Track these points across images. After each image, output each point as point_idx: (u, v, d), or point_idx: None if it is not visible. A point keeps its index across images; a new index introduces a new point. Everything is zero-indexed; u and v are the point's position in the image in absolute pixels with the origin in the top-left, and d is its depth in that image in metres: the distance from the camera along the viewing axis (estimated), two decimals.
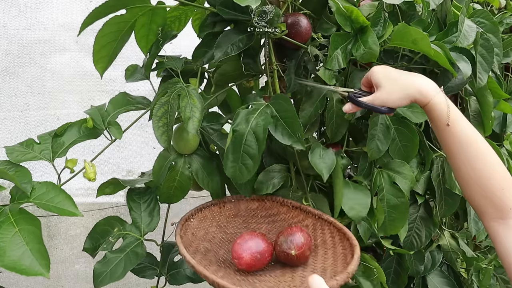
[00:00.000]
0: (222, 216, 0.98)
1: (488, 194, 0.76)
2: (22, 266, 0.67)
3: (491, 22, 1.02)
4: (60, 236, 1.51)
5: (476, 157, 0.77)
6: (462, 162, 0.78)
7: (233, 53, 0.88)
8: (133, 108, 0.95)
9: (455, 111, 0.79)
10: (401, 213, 1.00)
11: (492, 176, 0.76)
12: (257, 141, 0.84)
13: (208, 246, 0.88)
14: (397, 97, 0.80)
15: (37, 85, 1.42)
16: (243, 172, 0.86)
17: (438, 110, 0.78)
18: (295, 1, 1.06)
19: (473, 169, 0.77)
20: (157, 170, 0.94)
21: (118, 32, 0.89)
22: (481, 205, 0.78)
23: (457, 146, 0.78)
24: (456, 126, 0.78)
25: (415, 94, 0.79)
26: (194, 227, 0.91)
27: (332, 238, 0.89)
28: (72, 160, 0.88)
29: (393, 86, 0.81)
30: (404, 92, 0.80)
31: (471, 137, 0.78)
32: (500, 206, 0.76)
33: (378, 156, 1.00)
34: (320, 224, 0.93)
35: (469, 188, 0.79)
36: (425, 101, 0.79)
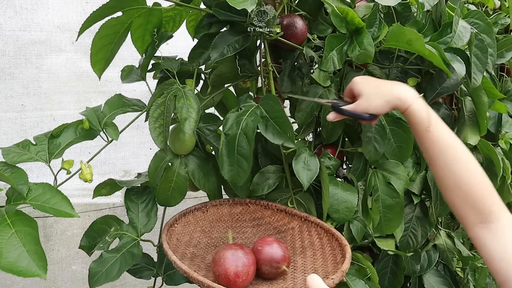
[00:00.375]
0: (206, 221, 0.98)
1: (469, 198, 0.77)
2: (19, 267, 0.67)
3: (485, 22, 1.03)
4: (57, 237, 1.51)
5: (456, 162, 0.78)
6: (442, 167, 0.79)
7: (229, 54, 0.89)
8: (129, 110, 0.95)
9: (435, 117, 0.80)
10: (396, 213, 1.01)
11: (472, 181, 0.77)
12: (248, 141, 0.86)
13: (195, 251, 0.88)
14: (378, 104, 0.83)
15: (33, 86, 1.41)
16: (241, 175, 0.87)
17: (418, 116, 0.80)
18: (291, 2, 1.06)
19: (453, 174, 0.78)
20: (153, 171, 0.95)
21: (115, 34, 0.90)
22: (462, 211, 0.78)
23: (437, 151, 0.79)
24: (436, 131, 0.79)
25: (395, 100, 0.82)
26: (178, 233, 0.91)
27: (320, 239, 0.89)
28: (69, 161, 0.88)
29: (374, 94, 0.83)
30: (384, 99, 0.82)
31: (450, 142, 0.79)
32: (480, 210, 0.76)
33: (376, 158, 1.00)
34: (306, 226, 0.93)
35: (450, 193, 0.80)
36: (405, 107, 0.81)
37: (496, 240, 0.74)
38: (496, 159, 1.21)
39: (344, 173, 1.10)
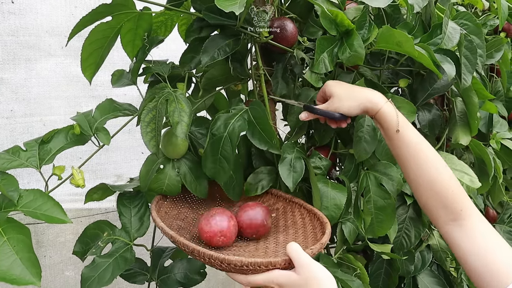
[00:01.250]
0: (195, 198, 1.01)
1: (440, 198, 0.80)
2: (12, 275, 0.66)
3: (475, 24, 1.04)
4: (49, 243, 1.49)
5: (425, 162, 0.82)
6: (413, 168, 0.83)
7: (220, 58, 0.89)
8: (120, 114, 0.94)
9: (404, 119, 0.84)
10: (388, 214, 1.01)
11: (442, 181, 0.80)
12: (231, 145, 0.88)
13: (182, 224, 0.91)
14: (349, 104, 0.86)
15: (23, 91, 1.40)
16: (221, 173, 0.91)
17: (388, 118, 0.84)
18: (282, 5, 1.06)
19: (424, 175, 0.81)
20: (144, 175, 0.94)
21: (105, 38, 0.89)
22: (433, 210, 0.82)
23: (407, 151, 0.83)
24: (405, 132, 0.83)
25: (366, 102, 0.85)
26: (167, 206, 0.94)
27: (302, 219, 0.92)
28: (60, 167, 0.87)
29: (345, 95, 0.87)
30: (355, 101, 0.86)
31: (420, 144, 0.83)
32: (451, 208, 0.79)
33: (365, 157, 1.01)
34: (290, 207, 0.97)
35: (421, 193, 0.83)
36: (376, 109, 0.84)
37: (466, 237, 0.77)
38: (487, 159, 1.22)
39: (337, 175, 1.10)
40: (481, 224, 0.78)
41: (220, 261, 0.69)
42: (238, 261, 0.68)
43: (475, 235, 0.77)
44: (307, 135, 1.13)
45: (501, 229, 1.49)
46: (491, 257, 0.74)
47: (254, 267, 0.68)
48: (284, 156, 0.95)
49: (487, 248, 0.75)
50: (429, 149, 0.83)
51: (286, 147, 0.96)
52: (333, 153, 1.08)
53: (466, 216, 0.79)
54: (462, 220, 0.78)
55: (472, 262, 0.75)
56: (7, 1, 1.34)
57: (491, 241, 0.76)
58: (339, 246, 1.04)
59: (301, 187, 1.04)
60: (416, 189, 0.84)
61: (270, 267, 0.69)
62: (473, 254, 0.75)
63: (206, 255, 0.70)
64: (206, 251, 0.70)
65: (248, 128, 0.90)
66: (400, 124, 0.83)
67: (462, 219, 0.78)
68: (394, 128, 0.83)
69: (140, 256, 1.03)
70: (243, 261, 0.68)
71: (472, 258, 0.75)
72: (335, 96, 0.88)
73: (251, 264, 0.68)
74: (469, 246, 0.76)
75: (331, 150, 1.07)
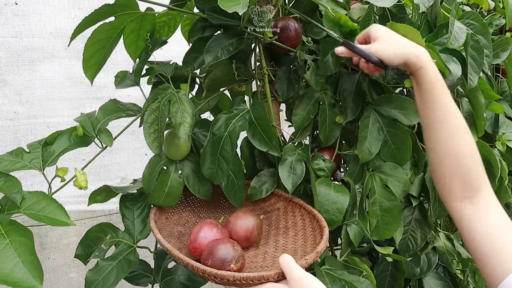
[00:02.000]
0: (195, 201, 1.00)
1: (461, 171, 0.77)
2: (14, 279, 0.66)
3: (481, 23, 1.02)
4: (52, 245, 1.49)
5: (458, 131, 0.79)
6: (443, 133, 0.79)
7: (223, 57, 0.88)
8: (124, 115, 0.94)
9: (444, 84, 0.80)
10: (394, 216, 1.00)
11: (467, 151, 0.78)
12: (231, 144, 0.88)
13: (182, 230, 0.90)
14: (393, 51, 0.82)
15: (26, 93, 1.40)
16: (219, 174, 0.90)
17: (428, 78, 0.79)
18: (286, 4, 1.06)
19: (452, 143, 0.78)
20: (148, 176, 0.94)
21: (107, 39, 0.89)
22: (449, 184, 0.78)
23: (441, 116, 0.79)
24: (443, 96, 0.79)
25: (411, 55, 0.80)
26: (168, 211, 0.93)
27: (303, 220, 0.92)
28: (63, 169, 0.87)
29: (391, 40, 0.83)
30: (401, 49, 0.81)
31: (455, 110, 0.79)
32: (468, 185, 0.77)
33: (369, 158, 1.00)
34: (291, 207, 0.96)
35: (441, 164, 0.79)
36: (418, 66, 0.80)
37: (479, 217, 0.75)
38: (494, 160, 1.21)
39: (341, 176, 1.09)
40: (495, 206, 0.76)
41: (213, 276, 0.70)
42: (231, 276, 0.68)
43: (487, 215, 0.75)
44: (312, 136, 1.12)
45: None
46: (500, 239, 0.72)
47: (246, 282, 0.69)
48: (285, 158, 0.94)
49: (498, 229, 0.73)
50: (462, 119, 0.80)
51: (288, 149, 0.96)
52: (337, 154, 1.07)
53: (482, 195, 0.76)
54: (477, 198, 0.76)
55: (480, 242, 0.73)
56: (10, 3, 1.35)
57: (503, 224, 0.74)
58: (344, 248, 1.03)
59: (305, 188, 1.03)
60: (438, 158, 0.80)
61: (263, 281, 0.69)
62: (483, 234, 0.73)
63: (200, 270, 0.71)
64: (199, 265, 0.71)
65: (249, 129, 0.90)
66: (440, 88, 0.79)
67: (477, 197, 0.76)
68: (435, 88, 0.79)
69: (144, 258, 1.03)
70: (235, 276, 0.68)
71: (481, 238, 0.73)
72: (380, 38, 0.83)
73: (243, 279, 0.68)
74: (479, 225, 0.74)
75: (335, 151, 1.06)
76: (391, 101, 0.99)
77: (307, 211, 0.92)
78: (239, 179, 0.93)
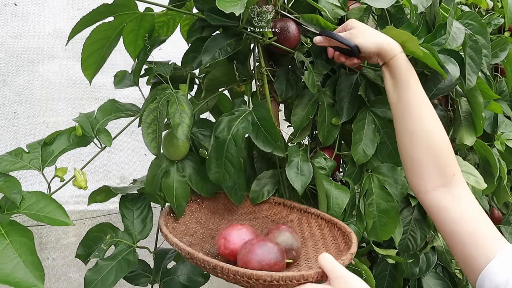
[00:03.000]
0: (201, 213, 0.97)
1: (435, 153, 0.79)
2: (15, 279, 0.66)
3: (479, 23, 1.03)
4: (52, 245, 1.49)
5: (429, 117, 0.82)
6: (416, 120, 0.82)
7: (221, 58, 0.88)
8: (122, 115, 0.94)
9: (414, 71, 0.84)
10: (391, 217, 1.00)
11: (438, 136, 0.80)
12: (236, 147, 0.87)
13: (192, 240, 0.87)
14: (367, 39, 0.86)
15: (26, 93, 1.40)
16: (226, 177, 0.89)
17: (401, 67, 0.83)
18: (285, 5, 1.06)
19: (425, 128, 0.81)
20: (151, 179, 0.94)
21: (106, 39, 0.89)
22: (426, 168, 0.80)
23: (412, 101, 0.83)
24: (415, 84, 0.83)
25: (384, 43, 0.85)
26: (173, 222, 0.91)
27: (321, 230, 0.89)
28: (62, 169, 0.87)
29: (367, 30, 0.88)
30: (375, 37, 0.86)
31: (424, 97, 0.83)
32: (444, 170, 0.79)
33: (365, 160, 1.00)
34: (306, 218, 0.93)
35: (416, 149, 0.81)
36: (391, 55, 0.84)
37: (454, 204, 0.76)
38: (492, 159, 1.21)
39: (340, 177, 1.09)
40: (469, 194, 0.78)
41: (247, 277, 0.64)
42: (268, 276, 0.63)
43: (464, 202, 0.76)
44: (311, 136, 1.12)
45: (506, 230, 1.48)
46: (477, 226, 0.73)
47: (285, 282, 0.63)
48: (291, 159, 0.94)
49: (474, 217, 0.74)
50: (431, 106, 0.83)
51: (292, 150, 0.96)
52: (336, 154, 1.07)
53: (456, 183, 0.78)
54: (452, 187, 0.78)
55: (457, 231, 0.74)
56: (10, 4, 1.35)
57: (478, 212, 0.75)
58: None
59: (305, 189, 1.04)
60: (412, 142, 0.82)
61: (302, 281, 0.65)
62: (461, 222, 0.74)
63: (231, 271, 0.65)
64: (231, 267, 0.65)
65: (252, 130, 0.89)
66: (413, 74, 0.83)
67: (452, 185, 0.78)
68: (406, 77, 0.83)
69: (143, 258, 1.03)
70: (273, 276, 0.63)
71: (459, 226, 0.74)
72: (356, 27, 0.89)
73: (282, 279, 0.63)
74: (457, 213, 0.75)
75: (334, 151, 1.07)
76: (386, 102, 0.99)
77: (325, 220, 0.88)
78: (239, 178, 0.93)
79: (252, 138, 0.89)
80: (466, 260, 0.72)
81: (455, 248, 0.75)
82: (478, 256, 0.70)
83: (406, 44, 0.87)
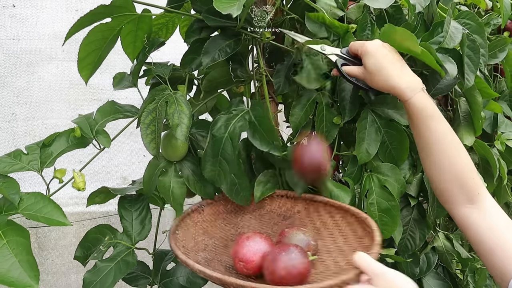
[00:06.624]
0: (204, 222, 0.94)
1: (461, 181, 0.82)
2: (10, 278, 0.66)
3: (477, 23, 1.03)
4: (51, 247, 1.50)
5: (450, 148, 0.83)
6: (437, 153, 0.83)
7: (221, 59, 0.88)
8: (121, 116, 0.94)
9: (433, 109, 0.83)
10: (392, 216, 1.00)
11: (461, 161, 0.82)
12: (232, 145, 0.86)
13: (207, 255, 0.84)
14: (378, 84, 0.85)
15: (24, 94, 1.41)
16: (221, 176, 0.88)
17: (415, 110, 0.83)
18: (284, 6, 1.06)
19: (447, 159, 0.82)
20: (148, 179, 0.94)
21: (104, 39, 0.89)
22: (453, 194, 0.83)
23: (435, 139, 0.83)
24: (435, 120, 0.83)
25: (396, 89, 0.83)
26: (182, 239, 0.86)
27: (332, 217, 0.87)
28: (61, 170, 0.87)
29: (378, 71, 0.84)
30: (386, 83, 0.84)
31: (447, 129, 0.83)
32: (470, 191, 0.81)
33: (367, 159, 1.00)
34: (313, 207, 0.91)
35: (442, 178, 0.84)
36: (404, 98, 0.83)
37: (483, 217, 0.80)
38: (492, 159, 1.21)
39: (340, 177, 1.09)
40: (495, 206, 0.81)
41: None
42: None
43: (491, 214, 0.79)
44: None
45: None
46: (506, 238, 0.76)
47: None
48: None
49: (502, 229, 0.78)
50: (454, 134, 0.83)
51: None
52: (336, 155, 1.07)
53: (482, 198, 0.81)
54: (478, 202, 0.80)
55: (487, 241, 0.77)
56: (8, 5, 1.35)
57: (505, 223, 0.78)
58: None
59: None
60: (436, 174, 0.84)
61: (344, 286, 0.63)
62: (490, 233, 0.77)
63: None
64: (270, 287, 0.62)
65: (249, 128, 0.88)
66: (429, 114, 0.82)
67: (478, 201, 0.81)
68: (424, 116, 0.82)
69: (142, 259, 1.03)
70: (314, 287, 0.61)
71: (488, 237, 0.77)
72: (368, 67, 0.84)
73: None
74: (485, 226, 0.78)
75: (334, 151, 1.06)
76: (387, 101, 1.00)
77: (335, 206, 0.87)
78: (239, 178, 0.92)
79: (249, 137, 0.88)
80: (498, 268, 0.75)
81: (485, 259, 0.78)
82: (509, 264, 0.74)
83: (404, 42, 0.87)
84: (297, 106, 1.01)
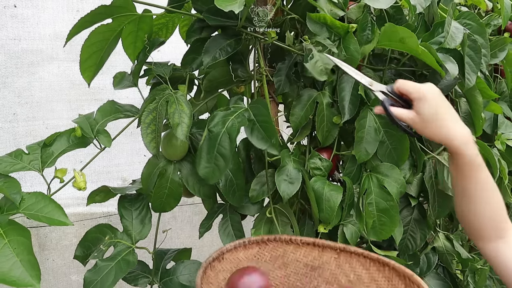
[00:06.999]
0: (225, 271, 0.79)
1: (493, 220, 0.84)
2: (12, 278, 0.67)
3: (478, 23, 1.03)
4: (52, 246, 1.50)
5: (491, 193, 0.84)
6: (480, 200, 0.84)
7: (221, 58, 0.88)
8: (122, 116, 0.94)
9: (480, 161, 0.82)
10: (391, 216, 1.00)
11: (496, 206, 0.84)
12: (230, 140, 0.84)
13: None
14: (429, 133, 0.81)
15: (25, 95, 1.41)
16: (216, 173, 0.85)
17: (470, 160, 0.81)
18: (284, 6, 1.06)
19: (488, 204, 0.84)
20: (146, 177, 0.94)
21: (105, 41, 0.89)
22: (483, 231, 0.85)
23: (480, 188, 0.83)
24: (480, 170, 0.82)
25: (447, 141, 0.81)
26: None
27: (367, 270, 0.79)
28: (62, 170, 0.88)
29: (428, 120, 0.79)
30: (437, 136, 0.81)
31: (489, 175, 0.84)
32: (499, 227, 0.84)
33: (366, 158, 1.00)
34: (344, 257, 0.81)
35: (477, 221, 0.85)
36: (453, 150, 0.81)
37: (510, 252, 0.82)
38: (492, 160, 1.21)
39: (339, 177, 1.09)
40: None
41: None
42: None
43: None
44: (310, 136, 1.12)
45: None
46: None
47: None
48: (283, 164, 0.94)
49: None
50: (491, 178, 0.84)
51: (285, 155, 0.95)
52: (335, 154, 1.07)
53: (509, 232, 0.84)
54: (506, 237, 0.83)
55: None
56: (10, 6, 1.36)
57: None
58: None
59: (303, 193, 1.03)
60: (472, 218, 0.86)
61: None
62: None
63: None
64: None
65: (248, 125, 0.85)
66: (477, 165, 0.81)
67: (506, 236, 0.83)
68: (469, 168, 0.82)
69: (142, 258, 1.03)
70: None
71: None
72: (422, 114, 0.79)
73: None
74: None
75: (333, 151, 1.07)
76: None
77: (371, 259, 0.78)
78: (237, 178, 0.92)
79: (247, 134, 0.86)
80: None
81: None
82: None
83: (404, 40, 0.87)
84: (297, 105, 1.01)
